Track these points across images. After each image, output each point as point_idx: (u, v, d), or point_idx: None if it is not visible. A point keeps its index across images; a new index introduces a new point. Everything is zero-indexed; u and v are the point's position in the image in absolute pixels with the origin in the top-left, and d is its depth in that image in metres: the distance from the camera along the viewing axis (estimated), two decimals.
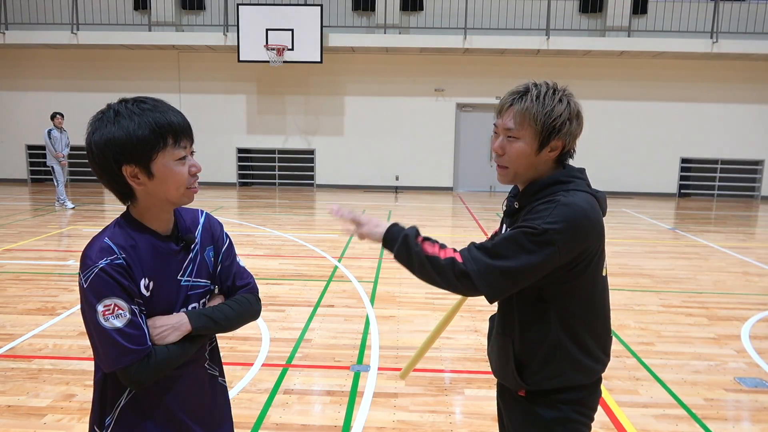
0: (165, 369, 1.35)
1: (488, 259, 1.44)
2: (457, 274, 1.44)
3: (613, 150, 13.73)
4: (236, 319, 1.49)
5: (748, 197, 14.15)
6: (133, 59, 13.94)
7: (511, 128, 1.52)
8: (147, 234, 1.38)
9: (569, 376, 1.55)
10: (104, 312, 1.27)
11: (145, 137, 1.29)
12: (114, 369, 1.31)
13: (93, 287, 1.28)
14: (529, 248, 1.42)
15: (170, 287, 1.40)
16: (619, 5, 13.37)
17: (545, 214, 1.44)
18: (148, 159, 1.31)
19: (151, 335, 1.34)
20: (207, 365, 1.53)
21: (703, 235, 8.92)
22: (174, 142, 1.33)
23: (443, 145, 14.07)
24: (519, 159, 1.54)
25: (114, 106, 1.33)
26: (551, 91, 1.51)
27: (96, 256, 1.30)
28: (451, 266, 1.45)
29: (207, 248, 1.50)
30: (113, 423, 1.39)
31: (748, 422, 3.21)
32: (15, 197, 12.00)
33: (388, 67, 13.82)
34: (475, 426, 3.07)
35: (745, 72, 13.44)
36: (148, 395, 1.40)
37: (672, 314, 5.02)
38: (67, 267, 6.21)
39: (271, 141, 14.29)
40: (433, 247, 1.50)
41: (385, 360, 3.89)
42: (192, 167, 1.38)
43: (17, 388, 3.39)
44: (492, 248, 1.46)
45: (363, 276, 6.02)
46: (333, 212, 1.65)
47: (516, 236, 1.45)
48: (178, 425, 1.44)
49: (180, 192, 1.37)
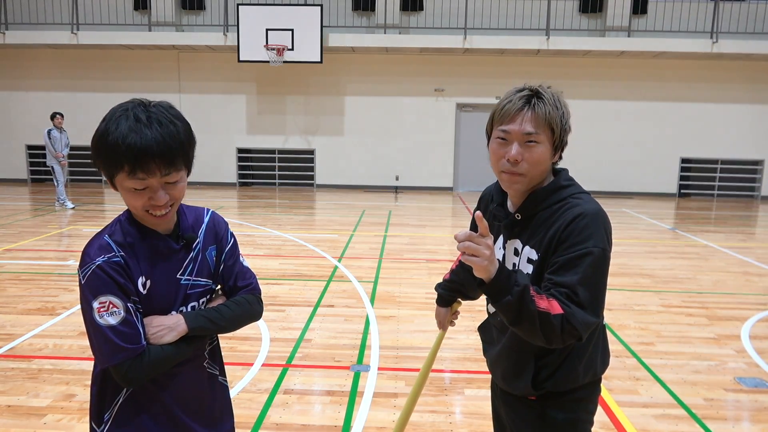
0: (158, 368, 1.35)
1: (591, 315, 1.40)
2: (566, 331, 1.37)
3: (613, 150, 13.73)
4: (235, 320, 1.48)
5: (748, 197, 14.14)
6: (133, 59, 13.94)
7: (531, 132, 1.47)
8: (146, 232, 1.37)
9: (582, 376, 1.56)
10: (99, 309, 1.28)
11: (107, 151, 1.25)
12: (107, 365, 1.32)
13: (90, 284, 1.29)
14: (603, 277, 1.45)
15: (169, 286, 1.39)
16: (619, 5, 13.37)
17: (588, 234, 1.43)
18: (109, 175, 1.30)
19: (147, 335, 1.34)
20: (206, 364, 1.52)
21: (703, 235, 8.93)
22: (130, 171, 1.25)
23: (443, 145, 14.07)
24: (539, 164, 1.49)
25: (128, 107, 1.30)
26: (557, 93, 1.52)
27: (94, 254, 1.31)
28: (560, 324, 1.35)
29: (209, 247, 1.49)
30: (111, 419, 1.40)
31: (748, 422, 3.21)
32: (15, 197, 12.00)
33: (388, 67, 13.82)
34: (475, 426, 3.06)
35: (745, 72, 13.44)
36: (147, 392, 1.40)
37: (672, 314, 5.02)
38: (67, 267, 6.21)
39: (271, 141, 14.29)
40: (541, 299, 1.37)
41: (385, 360, 3.89)
42: (150, 199, 1.29)
43: (17, 388, 3.39)
44: (588, 297, 1.40)
45: (363, 276, 6.02)
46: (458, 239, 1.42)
47: (591, 273, 1.41)
48: (175, 422, 1.44)
49: (140, 213, 1.33)
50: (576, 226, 1.44)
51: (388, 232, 8.67)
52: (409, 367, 3.78)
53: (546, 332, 1.35)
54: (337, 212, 10.76)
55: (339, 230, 8.72)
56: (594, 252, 1.42)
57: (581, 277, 1.40)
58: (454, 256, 7.31)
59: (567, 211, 1.47)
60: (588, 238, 1.42)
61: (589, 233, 1.43)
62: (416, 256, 7.06)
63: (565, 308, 1.35)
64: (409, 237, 8.28)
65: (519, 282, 1.34)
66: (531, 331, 1.36)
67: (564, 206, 1.49)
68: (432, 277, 6.04)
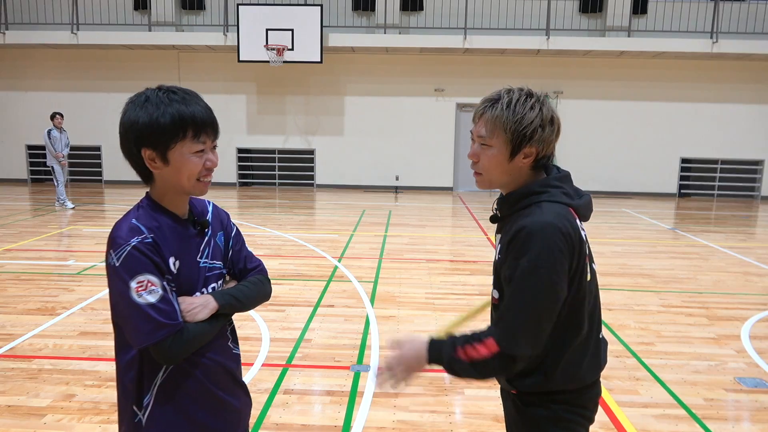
0: (196, 344, 1.41)
1: (516, 336, 1.43)
2: (512, 362, 1.44)
3: (613, 150, 13.73)
4: (254, 297, 1.57)
5: (748, 197, 14.14)
6: (133, 59, 13.94)
7: (483, 136, 1.54)
8: (168, 216, 1.45)
9: (561, 381, 1.53)
10: (137, 288, 1.32)
11: (165, 125, 1.36)
12: (148, 344, 1.34)
13: (126, 265, 1.33)
14: (534, 297, 1.43)
15: (192, 267, 1.46)
16: (619, 5, 13.37)
17: (525, 249, 1.42)
18: (165, 147, 1.37)
19: (183, 313, 1.39)
20: (231, 344, 1.60)
21: (703, 235, 8.93)
22: (194, 135, 1.39)
23: (443, 145, 14.07)
24: (492, 166, 1.55)
25: (147, 92, 1.40)
26: (523, 98, 1.51)
27: (127, 236, 1.35)
28: (501, 361, 1.44)
29: (218, 233, 1.58)
30: (152, 402, 1.43)
31: (748, 422, 3.21)
32: (15, 197, 12.00)
33: (388, 67, 13.83)
34: (475, 426, 3.06)
35: (745, 72, 13.44)
36: (182, 371, 1.44)
37: (672, 314, 5.02)
38: (67, 267, 6.22)
39: (271, 141, 14.29)
40: (473, 349, 1.45)
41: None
42: (208, 161, 1.44)
43: (17, 388, 3.39)
44: (510, 323, 1.44)
45: (363, 276, 6.02)
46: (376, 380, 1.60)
47: (518, 295, 1.44)
48: (212, 398, 1.50)
49: (191, 183, 1.43)
50: (516, 240, 1.45)
51: (388, 232, 8.67)
52: None
53: (492, 374, 1.49)
54: (337, 212, 10.77)
55: (339, 230, 8.72)
56: (523, 268, 1.42)
57: (508, 301, 1.46)
58: (454, 256, 7.32)
59: (520, 221, 1.47)
60: (523, 253, 1.43)
61: (525, 249, 1.43)
62: (416, 256, 7.06)
63: (500, 343, 1.43)
64: (409, 237, 8.29)
65: (443, 355, 1.50)
66: (481, 378, 1.51)
67: (523, 214, 1.50)
68: (432, 277, 6.04)
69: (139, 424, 1.43)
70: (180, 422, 1.45)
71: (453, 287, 5.72)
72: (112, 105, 14.16)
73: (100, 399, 3.27)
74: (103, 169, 14.41)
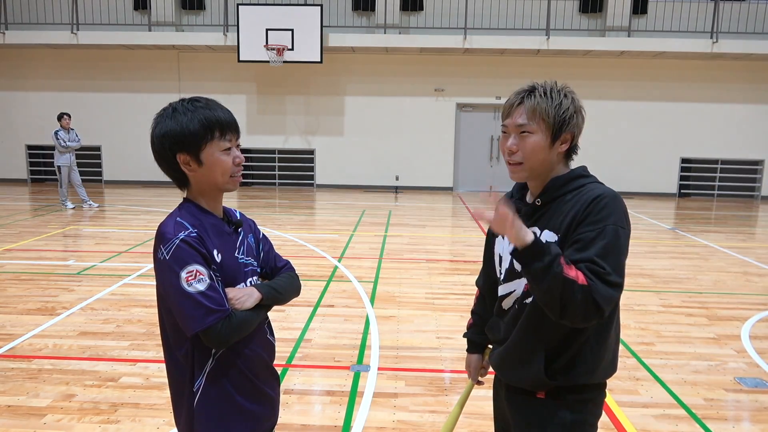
0: (244, 330, 1.53)
1: (613, 287, 1.43)
2: (588, 302, 1.39)
3: (613, 150, 13.72)
4: (290, 291, 1.71)
5: (748, 197, 14.14)
6: (133, 59, 13.94)
7: (523, 123, 1.56)
8: (207, 215, 1.58)
9: (594, 372, 1.57)
10: (187, 278, 1.44)
11: (195, 130, 1.50)
12: (200, 329, 1.44)
13: (175, 257, 1.45)
14: (623, 250, 1.48)
15: (232, 261, 1.59)
16: (619, 5, 13.37)
17: (607, 213, 1.48)
18: (197, 148, 1.51)
19: (230, 301, 1.51)
20: (269, 337, 1.73)
21: (703, 235, 8.93)
22: (220, 135, 1.53)
23: (443, 145, 14.07)
24: (534, 153, 1.57)
25: (173, 104, 1.55)
26: (557, 88, 1.59)
27: (174, 231, 1.48)
28: (582, 295, 1.39)
29: (249, 234, 1.71)
30: (202, 387, 1.55)
31: (748, 422, 3.21)
32: (15, 197, 12.00)
33: (388, 67, 13.82)
34: (475, 426, 3.06)
35: (745, 72, 13.44)
36: (228, 359, 1.56)
37: (672, 314, 5.01)
38: (67, 267, 6.22)
39: (271, 141, 14.29)
40: (570, 268, 1.42)
41: (385, 360, 3.89)
42: (236, 158, 1.58)
43: (17, 388, 3.39)
44: (611, 265, 1.44)
45: (363, 276, 6.02)
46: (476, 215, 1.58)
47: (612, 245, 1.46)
48: (252, 386, 1.62)
49: (225, 179, 1.57)
50: (595, 207, 1.50)
51: (388, 232, 8.67)
52: (409, 367, 3.78)
53: (566, 299, 1.39)
54: (337, 212, 10.76)
55: (339, 230, 8.72)
56: (613, 228, 1.47)
57: (602, 249, 1.45)
58: (454, 256, 7.32)
59: (586, 194, 1.53)
60: (607, 216, 1.48)
61: (608, 212, 1.49)
62: (416, 256, 7.06)
63: (589, 281, 1.40)
64: (409, 237, 8.28)
65: (551, 250, 1.42)
66: (551, 297, 1.41)
67: (583, 191, 1.55)
68: (432, 277, 6.04)
69: (191, 406, 1.57)
70: (226, 408, 1.58)
71: (453, 287, 5.72)
72: (112, 105, 14.19)
73: (100, 399, 3.27)
74: (103, 169, 14.42)
